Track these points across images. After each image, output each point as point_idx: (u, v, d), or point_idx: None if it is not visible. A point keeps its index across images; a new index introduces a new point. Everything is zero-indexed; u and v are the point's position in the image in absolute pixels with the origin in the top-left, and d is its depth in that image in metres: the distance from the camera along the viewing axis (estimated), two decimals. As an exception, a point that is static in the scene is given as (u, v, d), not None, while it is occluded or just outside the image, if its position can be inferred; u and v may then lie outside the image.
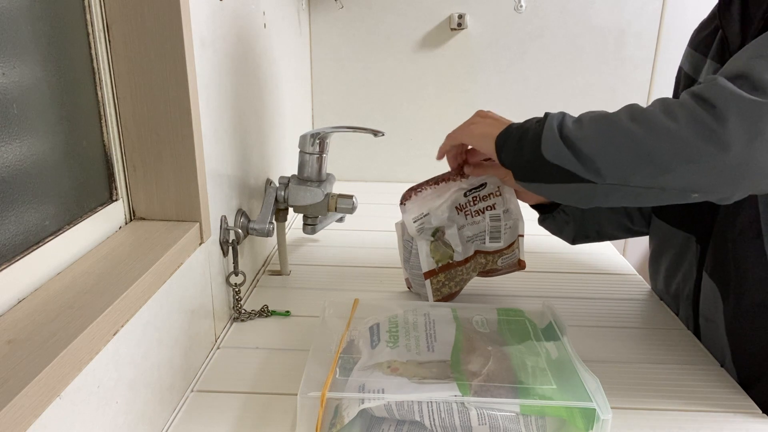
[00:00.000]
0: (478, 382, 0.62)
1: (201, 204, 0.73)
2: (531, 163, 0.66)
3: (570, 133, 0.63)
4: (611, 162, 0.60)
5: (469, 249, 0.90)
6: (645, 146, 0.58)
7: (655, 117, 0.59)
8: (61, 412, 0.46)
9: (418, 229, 0.87)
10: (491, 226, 0.89)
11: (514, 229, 0.91)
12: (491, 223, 0.88)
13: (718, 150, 0.55)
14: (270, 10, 1.10)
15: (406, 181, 1.68)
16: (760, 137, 0.54)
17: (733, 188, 0.58)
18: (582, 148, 0.61)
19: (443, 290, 0.91)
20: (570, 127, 0.63)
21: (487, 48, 1.57)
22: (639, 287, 1.02)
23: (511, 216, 0.90)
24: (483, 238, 0.89)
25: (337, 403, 0.61)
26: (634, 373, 0.77)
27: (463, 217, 0.88)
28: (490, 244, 0.90)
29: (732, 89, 0.56)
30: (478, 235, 0.89)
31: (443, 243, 0.88)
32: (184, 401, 0.70)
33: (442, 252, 0.88)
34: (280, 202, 0.99)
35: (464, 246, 0.89)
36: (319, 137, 0.97)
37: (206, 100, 0.76)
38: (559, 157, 0.63)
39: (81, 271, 0.59)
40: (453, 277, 0.90)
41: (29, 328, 0.48)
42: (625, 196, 0.62)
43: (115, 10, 0.65)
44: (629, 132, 0.59)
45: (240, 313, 0.88)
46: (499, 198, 0.89)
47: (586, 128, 0.63)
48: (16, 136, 0.53)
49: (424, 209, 0.86)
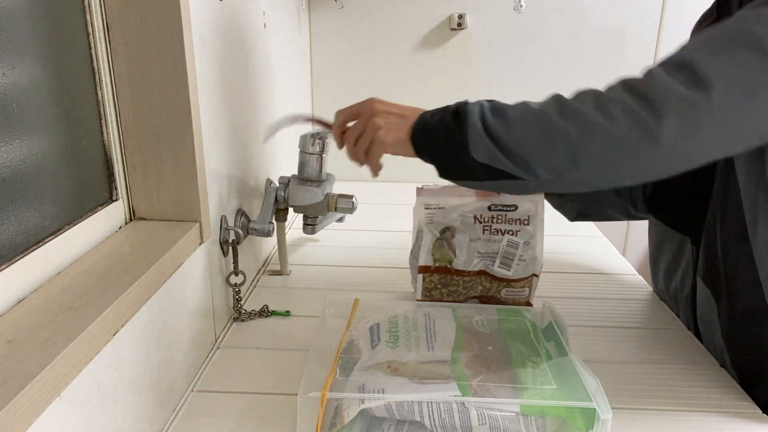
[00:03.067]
0: (478, 382, 0.62)
1: (201, 204, 0.73)
2: (459, 164, 0.64)
3: (498, 133, 0.61)
4: (546, 163, 0.59)
5: (473, 263, 0.86)
6: (580, 146, 0.57)
7: (588, 114, 0.58)
8: (61, 412, 0.46)
9: (428, 218, 0.84)
10: (505, 251, 0.84)
11: (529, 265, 0.85)
12: (506, 248, 0.83)
13: (653, 145, 0.55)
14: (270, 10, 1.10)
15: (406, 181, 1.68)
16: (695, 137, 0.54)
17: (659, 177, 0.59)
18: (515, 150, 0.60)
19: (433, 293, 0.88)
20: (495, 125, 0.61)
21: (487, 48, 1.57)
22: (639, 287, 1.02)
23: (529, 250, 0.84)
24: (494, 259, 0.85)
25: (337, 403, 0.61)
26: (634, 374, 0.77)
27: (480, 230, 0.84)
28: (498, 269, 0.85)
29: (670, 84, 0.55)
30: (489, 254, 0.85)
31: (448, 244, 0.85)
32: (184, 401, 0.70)
33: (444, 252, 0.85)
34: (280, 202, 0.99)
35: (468, 258, 0.85)
36: (319, 137, 0.97)
37: (206, 100, 0.76)
38: (489, 157, 0.61)
39: (81, 271, 0.59)
40: (447, 284, 0.87)
41: (29, 328, 0.48)
42: (560, 187, 0.62)
43: (115, 10, 0.65)
44: (563, 132, 0.58)
45: (240, 313, 0.88)
46: (526, 228, 0.84)
47: (516, 129, 0.61)
48: (16, 136, 0.53)
49: (440, 202, 0.83)
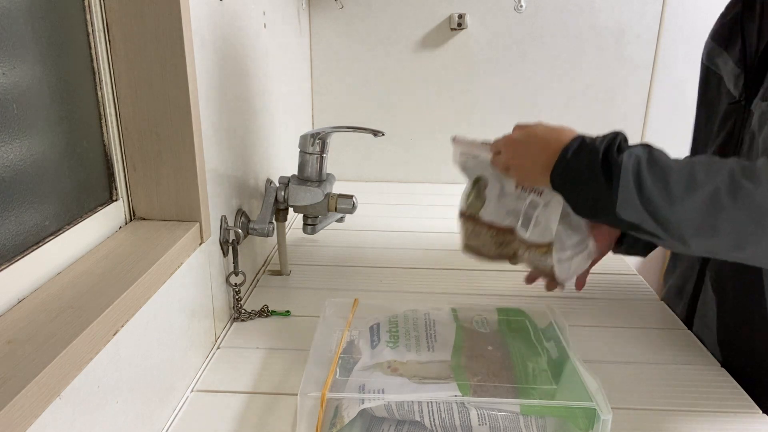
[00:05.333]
0: (478, 382, 0.62)
1: (201, 204, 0.73)
2: (602, 215, 0.61)
3: (656, 203, 0.56)
4: (706, 244, 0.56)
5: (502, 218, 0.79)
6: (746, 234, 0.55)
7: (763, 201, 0.54)
8: (61, 412, 0.46)
9: (461, 164, 0.82)
10: (526, 210, 0.77)
11: (543, 231, 0.77)
12: (527, 208, 0.77)
13: None
14: (270, 10, 1.10)
15: (406, 180, 1.68)
16: None
17: None
18: (674, 226, 0.56)
19: (471, 243, 0.83)
20: (654, 193, 0.56)
21: (487, 48, 1.57)
22: (639, 287, 1.02)
23: (545, 216, 0.75)
24: (518, 217, 0.78)
25: (337, 403, 0.61)
26: (634, 373, 0.77)
27: (512, 185, 0.78)
28: (520, 228, 0.78)
29: None
30: (515, 212, 0.78)
31: (479, 193, 0.80)
32: (184, 401, 0.70)
33: (473, 200, 0.81)
34: (280, 202, 0.99)
35: (497, 211, 0.79)
36: (319, 137, 0.97)
37: (206, 100, 0.76)
38: (639, 219, 0.58)
39: (81, 271, 0.59)
40: (478, 235, 0.81)
41: (29, 328, 0.48)
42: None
43: (115, 10, 0.65)
44: (734, 219, 0.54)
45: (240, 313, 0.88)
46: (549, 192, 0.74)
47: (680, 205, 0.56)
48: (16, 136, 0.53)
49: (475, 151, 0.80)
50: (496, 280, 1.03)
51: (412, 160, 1.66)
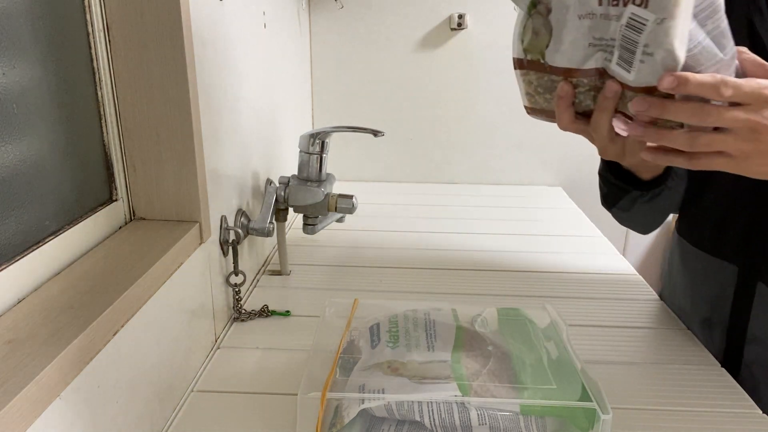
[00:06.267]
0: (478, 382, 0.62)
1: (201, 204, 0.73)
2: None
3: None
4: None
5: (585, 57, 0.51)
6: None
7: None
8: (61, 412, 0.46)
9: None
10: (624, 34, 0.47)
11: (663, 61, 0.46)
12: (625, 29, 0.47)
13: None
14: (270, 10, 1.10)
15: (405, 180, 1.68)
16: None
17: None
18: None
19: (537, 99, 0.57)
20: None
21: (487, 48, 1.57)
22: (639, 287, 1.02)
23: (662, 35, 0.45)
24: (611, 50, 0.49)
25: (337, 403, 0.61)
26: (634, 373, 0.77)
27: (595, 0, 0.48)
28: (615, 67, 0.49)
29: None
30: (606, 41, 0.49)
31: (542, 23, 0.52)
32: (184, 401, 0.70)
33: (532, 38, 0.53)
34: (280, 202, 0.99)
35: (575, 47, 0.51)
36: (319, 137, 0.97)
37: (206, 100, 0.76)
38: None
39: (81, 271, 0.59)
40: (548, 89, 0.56)
41: (29, 328, 0.48)
42: None
43: (115, 10, 0.65)
44: None
45: (240, 313, 0.88)
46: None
47: None
48: (16, 136, 0.53)
49: None
50: (496, 280, 1.03)
51: (412, 160, 1.66)
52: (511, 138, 1.65)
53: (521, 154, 1.66)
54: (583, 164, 1.66)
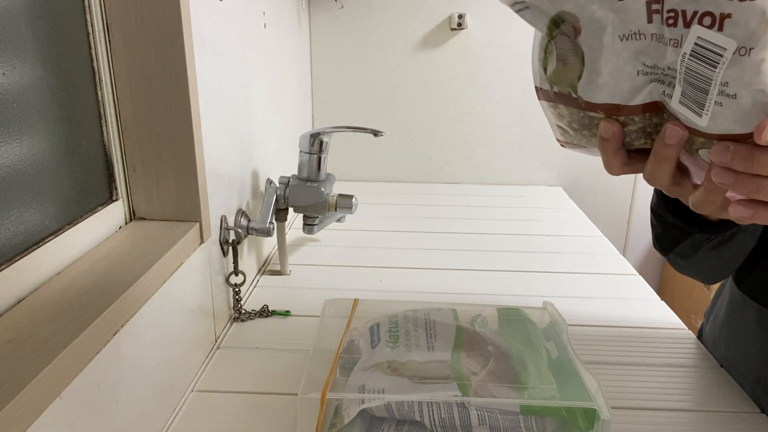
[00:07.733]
0: (478, 382, 0.62)
1: (201, 204, 0.73)
2: None
3: None
4: None
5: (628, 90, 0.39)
6: None
7: None
8: (61, 412, 0.46)
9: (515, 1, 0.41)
10: (688, 68, 0.34)
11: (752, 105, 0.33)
12: (691, 61, 0.34)
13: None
14: (270, 10, 1.10)
15: (406, 180, 1.68)
16: None
17: None
18: None
19: (573, 135, 0.45)
20: None
21: (487, 48, 1.57)
22: (639, 287, 1.02)
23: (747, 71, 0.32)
24: (670, 81, 0.37)
25: (337, 403, 0.61)
26: (634, 374, 0.77)
27: (642, 14, 0.36)
28: (677, 107, 0.37)
29: None
30: (662, 71, 0.37)
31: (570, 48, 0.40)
32: (184, 401, 0.70)
33: (559, 67, 0.41)
34: (280, 202, 0.99)
35: (617, 77, 0.38)
36: (319, 137, 0.97)
37: (206, 100, 0.76)
38: None
39: (81, 271, 0.59)
40: (586, 126, 0.43)
41: (29, 328, 0.48)
42: None
43: (115, 10, 0.65)
44: None
45: (240, 313, 0.88)
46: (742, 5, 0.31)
47: None
48: (16, 136, 0.53)
49: None
50: (496, 280, 1.03)
51: (412, 160, 1.66)
52: (511, 138, 1.65)
53: (521, 154, 1.66)
54: (583, 164, 1.66)
